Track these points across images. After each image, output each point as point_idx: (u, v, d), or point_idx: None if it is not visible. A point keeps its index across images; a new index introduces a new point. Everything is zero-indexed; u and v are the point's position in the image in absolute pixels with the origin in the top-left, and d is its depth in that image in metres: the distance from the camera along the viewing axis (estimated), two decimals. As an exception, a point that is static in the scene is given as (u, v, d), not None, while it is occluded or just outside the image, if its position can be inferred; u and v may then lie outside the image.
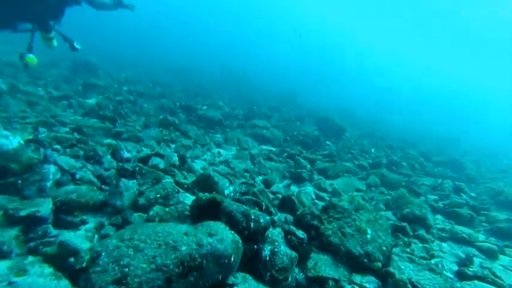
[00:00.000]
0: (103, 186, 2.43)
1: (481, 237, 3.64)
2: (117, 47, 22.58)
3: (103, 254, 1.48)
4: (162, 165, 2.94)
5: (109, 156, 2.95)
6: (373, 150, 7.50)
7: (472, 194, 5.63)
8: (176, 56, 28.52)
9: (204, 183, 2.74)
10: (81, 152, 2.91)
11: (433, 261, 2.66)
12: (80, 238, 1.95)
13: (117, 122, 4.53)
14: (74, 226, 2.03)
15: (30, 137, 2.94)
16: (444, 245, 3.20)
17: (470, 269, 2.63)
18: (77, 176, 2.40)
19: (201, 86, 14.13)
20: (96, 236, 2.00)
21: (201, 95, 10.88)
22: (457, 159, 8.56)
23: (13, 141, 2.51)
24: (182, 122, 5.95)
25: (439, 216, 4.22)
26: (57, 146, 2.94)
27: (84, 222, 2.09)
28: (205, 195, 2.03)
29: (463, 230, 3.46)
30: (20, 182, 2.13)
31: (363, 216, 2.49)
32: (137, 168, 2.61)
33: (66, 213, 2.05)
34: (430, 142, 15.14)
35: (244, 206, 1.98)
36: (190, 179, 2.91)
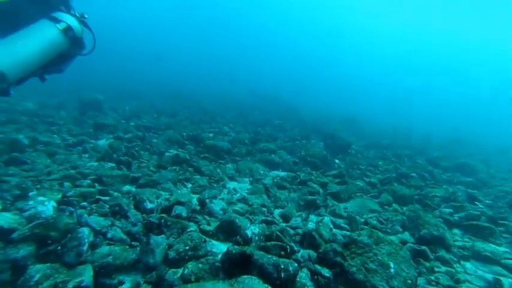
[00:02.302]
0: (133, 243, 2.54)
1: (505, 251, 3.65)
2: (112, 77, 23.30)
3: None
4: (184, 213, 3.05)
5: (133, 209, 3.08)
6: (380, 163, 7.56)
7: (487, 201, 5.64)
8: (173, 79, 29.45)
9: (228, 228, 2.85)
10: (107, 207, 3.05)
11: None
12: (121, 301, 2.06)
13: (132, 166, 4.68)
14: (113, 288, 2.14)
15: (59, 196, 3.09)
16: (468, 265, 3.23)
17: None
18: (109, 236, 2.52)
19: (203, 110, 14.42)
20: (135, 296, 2.10)
21: (204, 120, 11.12)
22: (467, 163, 8.57)
23: (48, 206, 2.68)
24: (192, 154, 6.12)
25: (456, 231, 4.24)
26: (84, 203, 3.08)
27: (121, 283, 2.19)
28: (235, 249, 2.14)
29: (484, 248, 3.48)
30: (59, 248, 2.25)
31: (383, 249, 2.56)
32: (163, 221, 2.73)
33: (105, 276, 2.16)
34: (436, 143, 15.20)
35: (273, 258, 2.08)
36: (213, 223, 3.01)
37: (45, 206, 2.70)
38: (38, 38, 2.21)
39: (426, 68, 64.32)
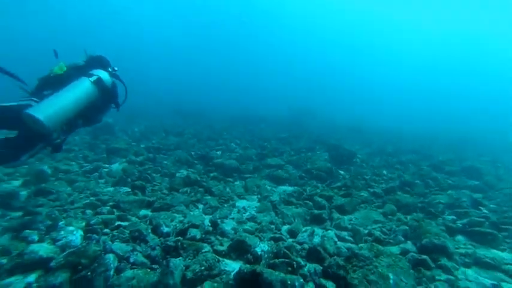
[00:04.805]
0: (153, 266, 2.81)
1: (507, 257, 3.75)
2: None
3: None
4: (198, 235, 3.32)
5: (151, 234, 3.35)
6: (385, 172, 7.72)
7: (492, 206, 5.71)
8: (177, 95, 30.37)
9: (239, 247, 3.11)
10: (127, 232, 3.33)
11: (459, 296, 2.84)
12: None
13: (146, 189, 4.99)
14: (136, 311, 2.39)
15: (83, 224, 3.40)
16: (469, 272, 3.36)
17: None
18: (131, 260, 2.79)
19: (210, 126, 14.82)
20: (157, 316, 2.35)
21: (212, 137, 11.46)
22: (473, 166, 8.61)
23: (77, 235, 2.99)
24: (201, 174, 6.41)
25: (460, 237, 4.36)
26: (106, 230, 3.37)
27: (143, 305, 2.45)
28: (246, 267, 2.39)
29: (485, 254, 3.61)
30: (89, 274, 2.53)
31: (383, 261, 2.77)
32: (179, 244, 2.99)
33: (130, 298, 2.42)
34: (442, 145, 15.18)
35: (281, 274, 2.32)
36: (225, 243, 3.26)
37: (74, 235, 3.03)
38: (74, 90, 2.75)
39: (431, 65, 64.39)
